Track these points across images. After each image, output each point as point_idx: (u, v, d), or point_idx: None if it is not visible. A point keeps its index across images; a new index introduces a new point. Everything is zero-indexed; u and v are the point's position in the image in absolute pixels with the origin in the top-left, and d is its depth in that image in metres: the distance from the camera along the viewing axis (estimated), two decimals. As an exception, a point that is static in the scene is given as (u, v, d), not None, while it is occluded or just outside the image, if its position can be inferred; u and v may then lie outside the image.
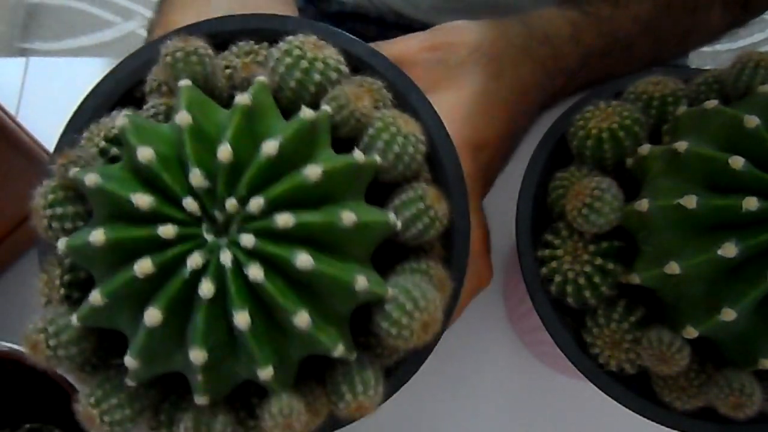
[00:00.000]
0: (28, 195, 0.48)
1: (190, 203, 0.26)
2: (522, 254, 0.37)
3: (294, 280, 0.27)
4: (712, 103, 0.33)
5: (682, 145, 0.32)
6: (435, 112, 0.34)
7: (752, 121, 0.30)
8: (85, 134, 0.33)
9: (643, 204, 0.32)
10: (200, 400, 0.28)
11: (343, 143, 0.31)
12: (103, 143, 0.32)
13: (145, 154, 0.26)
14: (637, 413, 0.35)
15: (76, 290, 0.31)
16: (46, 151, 0.51)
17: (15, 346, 0.41)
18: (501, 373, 0.53)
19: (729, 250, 0.29)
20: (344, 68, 0.32)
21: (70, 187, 0.31)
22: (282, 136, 0.27)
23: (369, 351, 0.31)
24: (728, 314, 0.29)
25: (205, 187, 0.26)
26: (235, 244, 0.26)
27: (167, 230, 0.26)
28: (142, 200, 0.26)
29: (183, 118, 0.27)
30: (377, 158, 0.30)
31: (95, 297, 0.26)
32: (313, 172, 0.27)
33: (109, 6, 1.59)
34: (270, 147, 0.27)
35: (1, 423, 0.47)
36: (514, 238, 0.38)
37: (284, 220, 0.26)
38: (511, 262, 0.54)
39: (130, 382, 0.29)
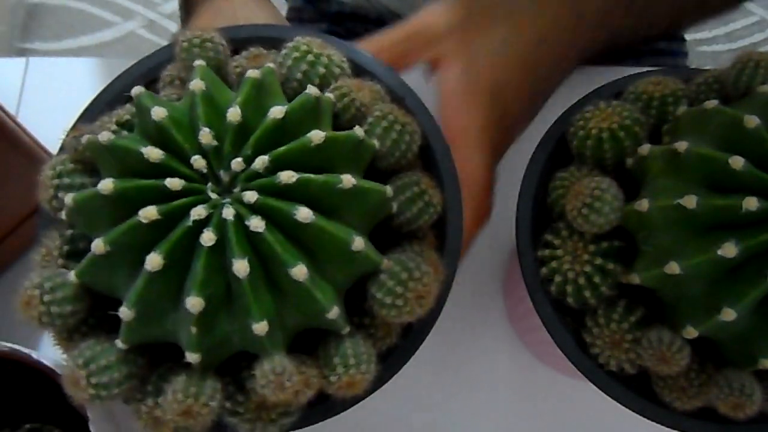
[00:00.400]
0: (28, 195, 0.48)
1: (197, 160, 0.27)
2: (522, 254, 0.37)
3: (294, 237, 0.27)
4: (712, 103, 0.33)
5: (682, 145, 0.32)
6: (429, 113, 0.35)
7: (752, 121, 0.30)
8: (97, 122, 0.34)
9: (643, 204, 0.32)
10: (192, 357, 0.28)
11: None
12: (114, 127, 0.33)
13: (158, 112, 0.28)
14: (637, 413, 0.35)
15: (74, 261, 0.31)
16: (46, 151, 0.51)
17: (15, 346, 0.41)
18: (500, 372, 0.53)
19: (729, 250, 0.29)
20: (346, 66, 0.34)
21: (79, 161, 0.32)
22: (288, 105, 0.29)
23: (363, 331, 0.31)
24: (728, 314, 0.29)
25: (213, 146, 0.28)
26: (237, 201, 0.27)
27: (174, 182, 0.27)
28: (153, 153, 0.27)
29: (196, 84, 0.29)
30: (376, 142, 0.32)
31: (97, 245, 0.27)
32: (316, 135, 0.28)
33: (109, 6, 1.60)
34: (277, 111, 0.28)
35: (1, 423, 0.47)
36: (514, 239, 0.38)
37: (287, 175, 0.27)
38: (511, 262, 0.54)
39: (120, 345, 0.29)
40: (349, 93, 0.32)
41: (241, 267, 0.26)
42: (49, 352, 0.51)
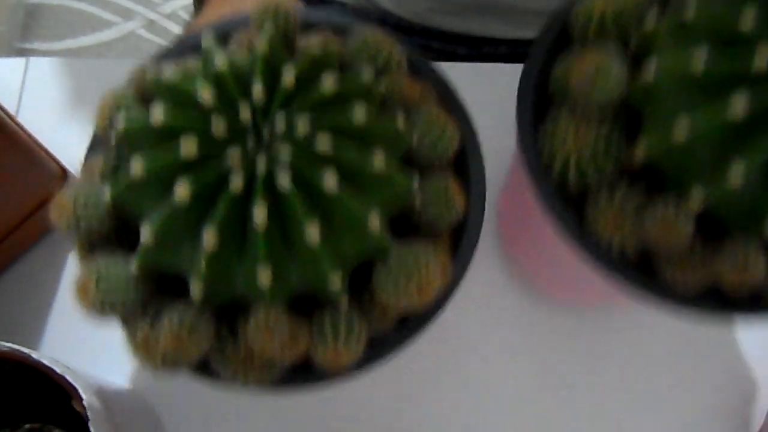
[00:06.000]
0: (28, 195, 0.48)
1: (244, 110, 0.29)
2: (522, 134, 0.36)
3: (315, 202, 0.29)
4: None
5: (690, 12, 0.31)
6: (470, 119, 0.37)
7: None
8: (164, 65, 0.35)
9: (649, 69, 0.31)
10: (195, 292, 0.29)
11: None
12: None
13: (221, 60, 0.29)
14: (641, 297, 0.34)
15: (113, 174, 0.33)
16: (46, 151, 0.51)
17: (15, 346, 0.40)
18: (498, 306, 0.52)
19: (739, 102, 0.28)
20: (404, 63, 0.36)
21: (141, 94, 0.34)
22: (341, 83, 0.30)
23: (359, 310, 0.32)
24: (738, 169, 0.28)
25: (262, 102, 0.29)
26: (272, 157, 0.28)
27: (218, 125, 0.28)
28: (205, 94, 0.28)
29: (261, 45, 0.30)
30: (415, 138, 0.33)
31: (135, 168, 0.28)
32: (360, 113, 0.29)
33: (109, 6, 1.61)
34: (329, 84, 0.30)
35: (1, 423, 0.47)
36: (507, 169, 0.37)
37: (324, 144, 0.28)
38: (503, 195, 0.53)
39: (134, 265, 0.31)
40: (400, 87, 0.34)
41: (260, 214, 0.27)
42: (49, 352, 0.51)
